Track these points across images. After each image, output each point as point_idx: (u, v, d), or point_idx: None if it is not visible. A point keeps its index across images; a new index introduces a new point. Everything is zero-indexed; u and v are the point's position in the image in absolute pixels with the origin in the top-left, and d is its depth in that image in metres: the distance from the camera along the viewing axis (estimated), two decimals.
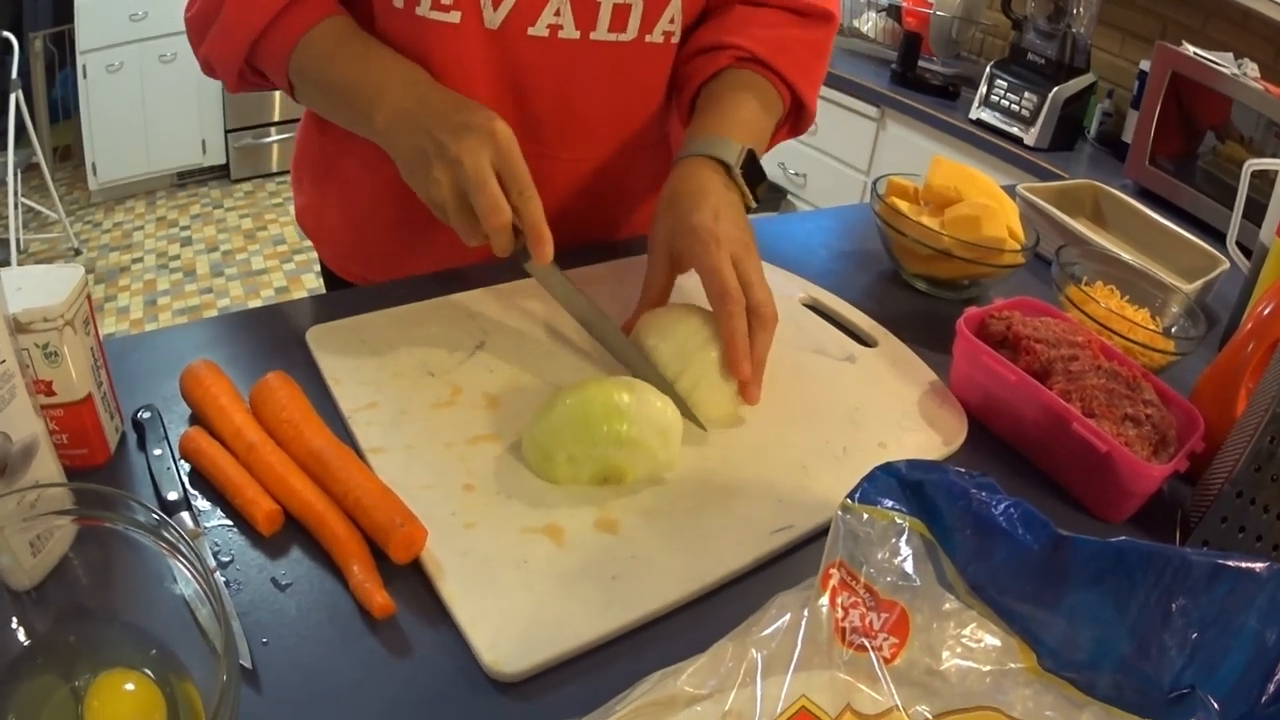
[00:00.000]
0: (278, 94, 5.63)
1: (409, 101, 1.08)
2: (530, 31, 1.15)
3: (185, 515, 0.82)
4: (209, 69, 1.18)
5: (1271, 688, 0.64)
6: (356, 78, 1.11)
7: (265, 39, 1.11)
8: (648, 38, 1.22)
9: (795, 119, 1.33)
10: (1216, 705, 0.64)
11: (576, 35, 1.17)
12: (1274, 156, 2.16)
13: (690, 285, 1.10)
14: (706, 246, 1.03)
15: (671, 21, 1.22)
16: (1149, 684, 0.66)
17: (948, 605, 0.69)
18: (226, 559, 0.80)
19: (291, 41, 1.11)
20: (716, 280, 1.02)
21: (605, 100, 1.28)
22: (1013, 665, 0.68)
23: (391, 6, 1.14)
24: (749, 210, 1.14)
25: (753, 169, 1.15)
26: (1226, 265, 1.53)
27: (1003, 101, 3.32)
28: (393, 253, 1.38)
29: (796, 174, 4.19)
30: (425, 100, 1.07)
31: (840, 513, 0.71)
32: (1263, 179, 1.62)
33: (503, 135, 1.01)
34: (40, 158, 4.91)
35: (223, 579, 0.78)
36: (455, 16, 1.13)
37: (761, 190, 1.16)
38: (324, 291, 1.50)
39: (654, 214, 1.12)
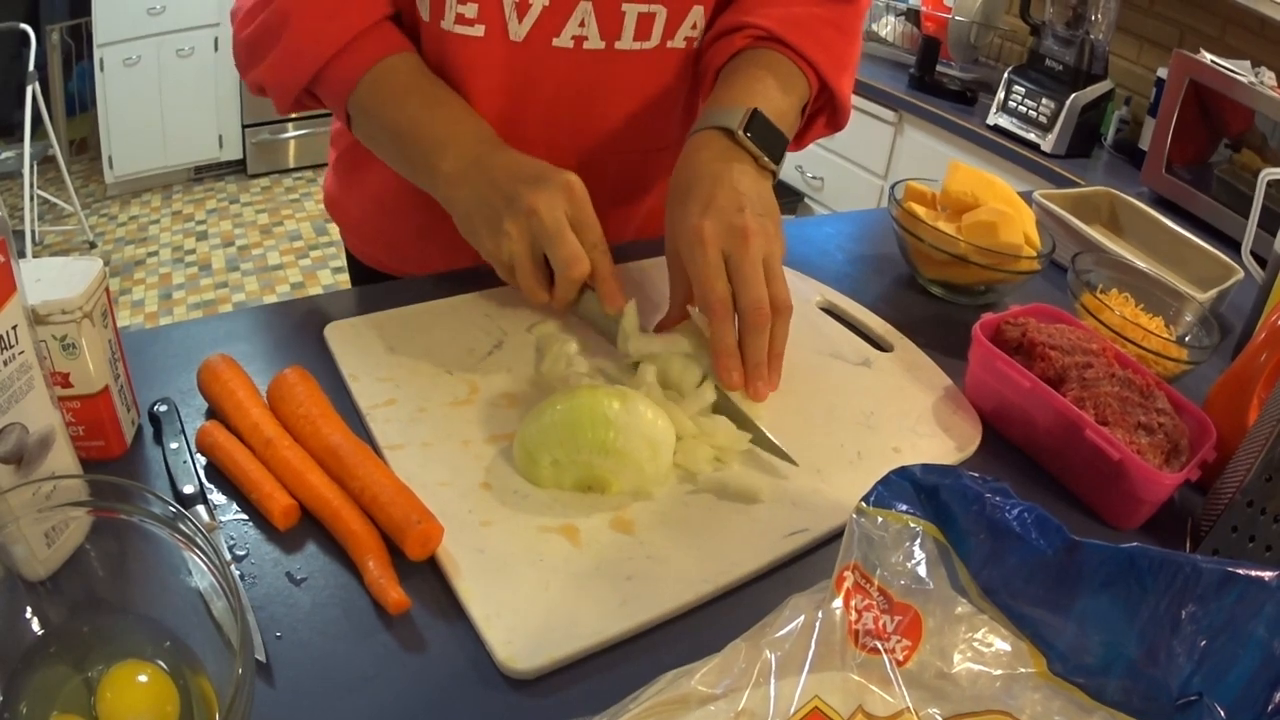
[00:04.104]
0: None
1: (477, 155, 1.07)
2: (555, 43, 1.16)
3: (201, 509, 0.82)
4: (260, 92, 1.16)
5: (1278, 697, 0.64)
6: (424, 125, 1.10)
7: (329, 70, 1.10)
8: (669, 44, 1.22)
9: (831, 110, 1.29)
10: (1223, 713, 0.64)
11: (601, 45, 1.17)
12: None
13: None
14: (692, 249, 1.00)
15: (694, 27, 1.22)
16: (1157, 690, 0.66)
17: (960, 609, 0.69)
18: (242, 553, 0.80)
19: (356, 76, 1.10)
20: (699, 288, 1.00)
21: (626, 106, 1.28)
22: (1023, 669, 0.68)
23: (419, 19, 1.14)
24: (774, 176, 1.11)
25: (764, 129, 1.10)
26: (1241, 275, 1.52)
27: (1020, 107, 3.32)
28: (420, 245, 1.39)
29: (814, 177, 4.20)
30: (493, 156, 1.07)
31: (855, 516, 0.72)
32: (1278, 188, 1.62)
33: (578, 188, 1.02)
34: (56, 150, 4.94)
35: (238, 573, 0.78)
36: (479, 30, 1.13)
37: (781, 150, 1.11)
38: (340, 287, 1.51)
39: (666, 209, 1.09)
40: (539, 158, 1.07)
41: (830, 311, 1.27)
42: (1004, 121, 3.37)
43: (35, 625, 0.66)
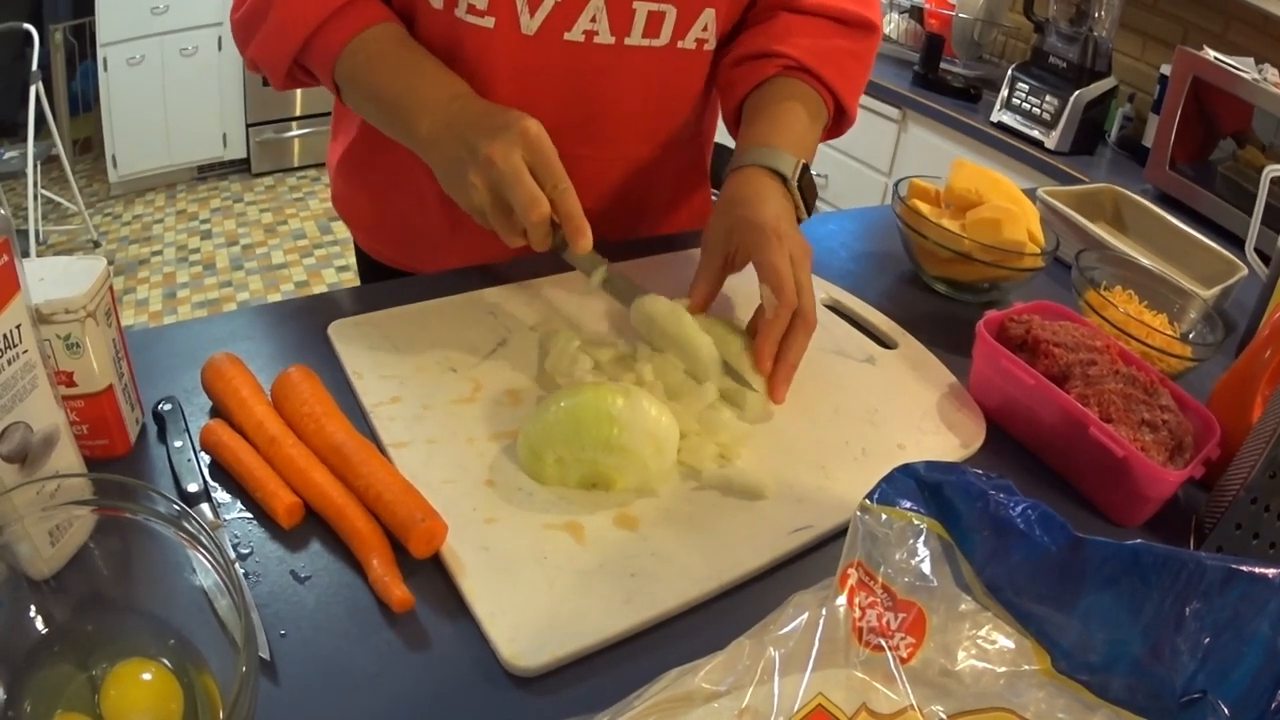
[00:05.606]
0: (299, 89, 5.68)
1: (448, 114, 1.08)
2: (566, 36, 1.17)
3: (205, 507, 0.82)
4: (255, 68, 1.20)
5: None
6: (402, 89, 1.12)
7: (313, 42, 1.12)
8: (680, 44, 1.24)
9: (835, 123, 1.33)
10: (1227, 710, 0.64)
11: (611, 41, 1.19)
12: None
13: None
14: (769, 241, 1.05)
15: (705, 30, 1.24)
16: (1161, 687, 0.66)
17: (964, 606, 0.69)
18: (246, 551, 0.80)
19: (339, 46, 1.12)
20: (775, 276, 1.03)
21: (637, 103, 1.29)
22: (1027, 667, 0.68)
23: (430, 8, 1.15)
24: (800, 222, 1.16)
25: (808, 183, 1.17)
26: (1245, 271, 1.52)
27: (1024, 104, 3.31)
28: (432, 241, 1.39)
29: (818, 175, 4.15)
30: (462, 111, 1.08)
31: (859, 513, 0.72)
32: None
33: (533, 131, 1.02)
34: (60, 150, 4.93)
35: (242, 571, 0.78)
36: (489, 22, 1.14)
37: (813, 203, 1.18)
38: (344, 286, 1.51)
39: (711, 215, 1.14)
40: None
41: (834, 309, 1.27)
42: (1008, 119, 3.36)
43: (39, 624, 0.66)
